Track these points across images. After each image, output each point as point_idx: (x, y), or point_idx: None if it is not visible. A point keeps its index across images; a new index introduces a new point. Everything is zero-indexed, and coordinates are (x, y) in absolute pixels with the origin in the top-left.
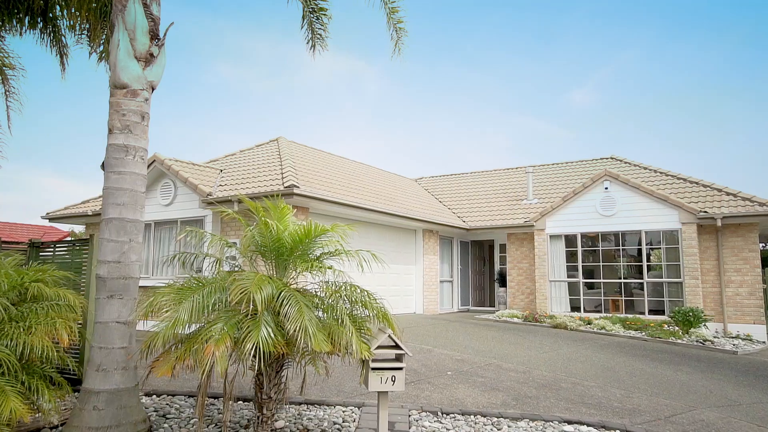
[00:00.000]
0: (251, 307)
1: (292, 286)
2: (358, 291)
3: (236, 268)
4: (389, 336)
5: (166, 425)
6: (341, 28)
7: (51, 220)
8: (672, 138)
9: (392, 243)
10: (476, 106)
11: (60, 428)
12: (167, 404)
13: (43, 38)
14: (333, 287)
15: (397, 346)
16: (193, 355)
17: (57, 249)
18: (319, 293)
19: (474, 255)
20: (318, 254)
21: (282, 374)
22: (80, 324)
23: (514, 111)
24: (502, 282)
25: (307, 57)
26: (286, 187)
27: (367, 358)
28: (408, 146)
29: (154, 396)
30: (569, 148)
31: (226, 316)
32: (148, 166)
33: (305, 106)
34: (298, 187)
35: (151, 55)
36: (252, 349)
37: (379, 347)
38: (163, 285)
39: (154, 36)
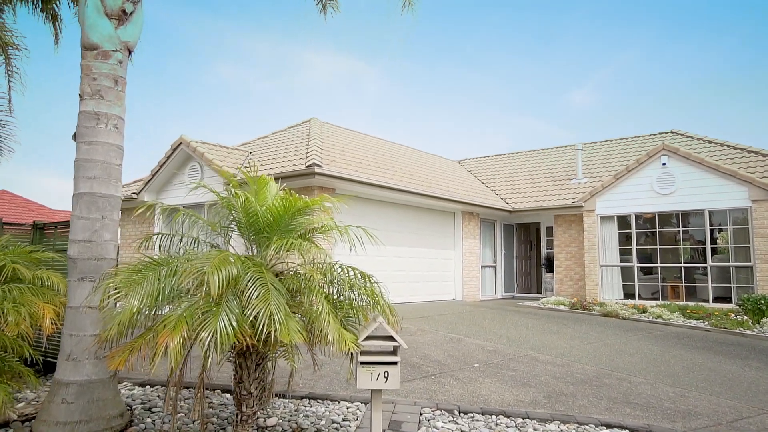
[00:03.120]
0: (204, 290)
1: (273, 268)
2: (350, 273)
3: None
4: (381, 325)
5: (149, 419)
6: (342, 29)
7: None
8: None
9: (429, 226)
10: (476, 106)
11: (31, 422)
12: (158, 396)
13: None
14: (318, 268)
15: (390, 338)
16: (147, 345)
17: (58, 230)
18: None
19: (519, 239)
20: (301, 231)
21: (266, 366)
22: None
23: (514, 111)
24: (549, 267)
25: (308, 56)
26: (307, 167)
27: (353, 350)
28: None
29: (147, 387)
30: None
31: (190, 300)
32: (175, 149)
33: (305, 107)
34: (320, 166)
35: (124, 12)
36: (209, 339)
37: (368, 338)
38: None
39: None
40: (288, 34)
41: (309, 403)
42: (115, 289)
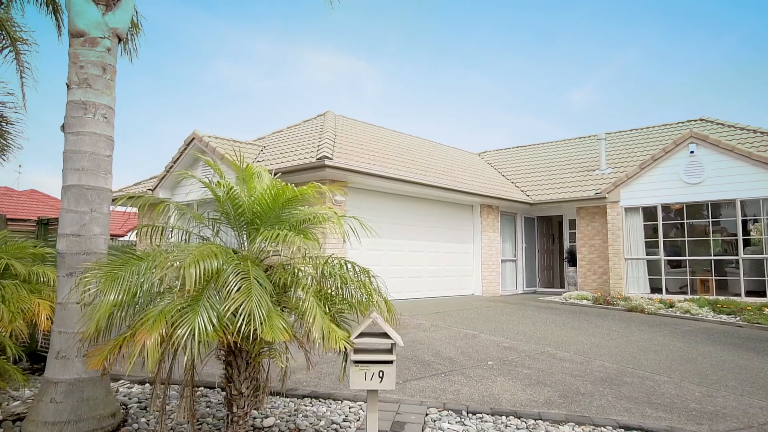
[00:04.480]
0: (180, 285)
1: (265, 261)
2: (347, 267)
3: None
4: (375, 321)
5: (143, 419)
6: (342, 29)
7: None
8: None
9: (447, 220)
10: (476, 106)
11: (20, 422)
12: (156, 394)
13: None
14: (310, 261)
15: (386, 335)
16: (127, 343)
17: None
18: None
19: (541, 232)
20: (293, 223)
21: (259, 364)
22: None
23: (514, 111)
24: (572, 261)
25: (308, 56)
26: (317, 159)
27: (343, 348)
28: None
29: (147, 385)
30: None
31: (172, 296)
32: (188, 144)
33: (305, 106)
34: (330, 158)
35: None
36: (186, 337)
37: (362, 335)
38: None
39: None
40: (288, 33)
41: (311, 402)
42: (87, 283)
